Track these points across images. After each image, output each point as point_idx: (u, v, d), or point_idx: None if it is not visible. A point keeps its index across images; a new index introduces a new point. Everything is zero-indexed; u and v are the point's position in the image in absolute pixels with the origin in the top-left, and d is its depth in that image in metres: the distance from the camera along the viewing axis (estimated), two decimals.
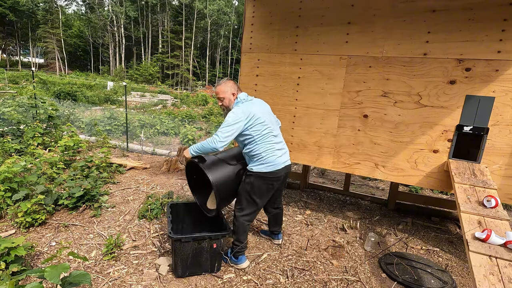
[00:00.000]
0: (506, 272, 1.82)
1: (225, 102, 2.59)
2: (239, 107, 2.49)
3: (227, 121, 2.41)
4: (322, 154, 3.46)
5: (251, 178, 2.55)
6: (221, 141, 2.38)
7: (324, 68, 3.31)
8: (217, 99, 2.66)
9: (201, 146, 2.47)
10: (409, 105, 2.98)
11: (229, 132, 2.39)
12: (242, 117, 2.42)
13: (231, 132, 2.40)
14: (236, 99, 2.58)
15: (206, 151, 2.50)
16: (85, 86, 19.84)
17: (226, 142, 2.41)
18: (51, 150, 5.08)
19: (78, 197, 3.54)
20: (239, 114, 2.42)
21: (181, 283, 2.47)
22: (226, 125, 2.40)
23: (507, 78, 2.60)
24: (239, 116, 2.41)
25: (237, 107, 2.51)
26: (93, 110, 10.61)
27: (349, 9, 3.11)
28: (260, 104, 2.64)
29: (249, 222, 2.66)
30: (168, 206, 2.94)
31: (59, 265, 1.81)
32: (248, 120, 2.44)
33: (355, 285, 2.58)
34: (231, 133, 2.40)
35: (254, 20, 3.64)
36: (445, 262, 3.03)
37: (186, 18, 40.26)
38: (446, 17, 2.74)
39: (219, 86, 2.61)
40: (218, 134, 2.38)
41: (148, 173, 5.06)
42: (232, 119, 2.40)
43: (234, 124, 2.40)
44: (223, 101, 2.60)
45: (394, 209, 4.24)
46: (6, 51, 42.24)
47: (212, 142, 2.39)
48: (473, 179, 2.57)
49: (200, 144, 2.48)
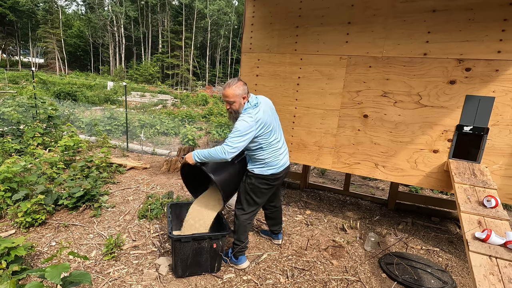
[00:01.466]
0: (506, 272, 1.82)
1: (235, 106, 2.38)
2: (250, 115, 2.31)
3: (238, 130, 2.25)
4: (322, 154, 3.46)
5: (251, 179, 2.55)
6: (231, 152, 2.25)
7: (324, 68, 3.31)
8: (225, 102, 2.42)
9: (208, 155, 2.33)
10: (409, 105, 2.98)
11: (240, 142, 2.25)
12: (253, 126, 2.28)
13: (243, 143, 2.27)
14: (245, 103, 2.39)
15: (213, 160, 2.36)
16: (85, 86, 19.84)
17: (236, 153, 2.29)
18: (51, 150, 5.08)
19: (78, 197, 3.55)
20: (251, 123, 2.27)
21: (181, 283, 2.47)
22: (237, 134, 2.25)
23: (507, 78, 2.60)
24: (251, 126, 2.27)
25: (247, 114, 2.31)
26: (93, 110, 10.61)
27: (349, 9, 3.11)
28: (266, 107, 2.47)
29: (250, 221, 2.67)
30: (168, 206, 2.94)
31: (60, 265, 1.82)
32: (258, 129, 2.33)
33: (355, 285, 2.58)
34: (242, 144, 2.27)
35: (254, 20, 3.64)
36: (445, 262, 3.03)
37: (186, 18, 40.25)
38: (446, 17, 2.73)
39: (229, 89, 2.33)
40: (229, 144, 2.24)
41: (148, 173, 5.06)
42: (244, 129, 2.25)
43: (245, 134, 2.26)
44: (233, 105, 2.38)
45: (394, 209, 4.24)
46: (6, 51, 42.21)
47: (222, 152, 2.25)
48: (473, 179, 2.57)
49: (207, 152, 2.34)
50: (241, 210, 2.64)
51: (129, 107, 13.31)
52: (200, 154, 2.38)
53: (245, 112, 2.35)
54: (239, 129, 2.26)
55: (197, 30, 42.92)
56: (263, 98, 2.55)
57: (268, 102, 2.56)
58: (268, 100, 2.59)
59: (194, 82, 38.66)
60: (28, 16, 39.30)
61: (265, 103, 2.51)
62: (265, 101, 2.53)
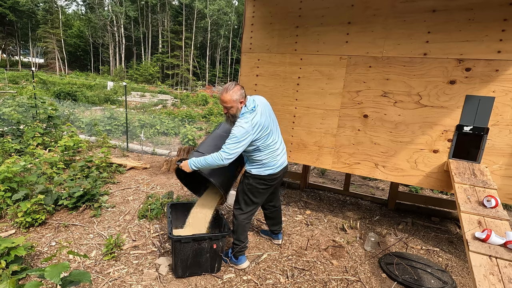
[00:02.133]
0: (506, 272, 1.82)
1: (232, 110, 2.38)
2: (247, 120, 2.31)
3: (235, 136, 2.26)
4: (322, 154, 3.46)
5: (249, 179, 2.56)
6: (228, 158, 2.27)
7: (324, 68, 3.31)
8: (223, 107, 2.41)
9: (205, 162, 2.33)
10: (409, 105, 2.98)
11: (237, 148, 2.27)
12: (250, 132, 2.29)
13: (240, 149, 2.28)
14: (243, 107, 2.39)
15: (211, 168, 2.38)
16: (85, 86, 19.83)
17: (233, 158, 2.30)
18: (51, 150, 5.08)
19: (78, 197, 3.55)
20: (248, 128, 2.28)
21: (181, 283, 2.47)
22: (234, 141, 2.26)
23: (507, 78, 2.60)
24: (247, 131, 2.28)
25: (244, 119, 2.32)
26: (93, 110, 10.61)
27: (349, 9, 3.11)
28: (263, 108, 2.46)
29: (248, 221, 2.67)
30: (168, 206, 2.94)
31: (59, 264, 1.82)
32: (255, 133, 2.33)
33: (355, 285, 2.58)
34: (239, 150, 2.28)
35: (254, 20, 3.64)
36: (445, 262, 3.03)
37: (186, 18, 40.24)
38: (446, 17, 2.73)
39: (226, 94, 2.32)
40: (226, 150, 2.26)
41: (148, 173, 5.06)
42: (241, 135, 2.26)
43: (242, 141, 2.27)
44: (230, 110, 2.38)
45: (394, 209, 4.24)
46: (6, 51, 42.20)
47: (219, 159, 2.27)
48: (473, 179, 2.57)
49: (203, 159, 2.34)
50: (239, 210, 2.65)
51: (129, 107, 13.31)
52: (197, 163, 2.37)
53: (242, 117, 2.35)
54: (236, 135, 2.27)
55: (197, 30, 42.90)
56: (260, 99, 2.53)
57: (265, 103, 2.54)
58: (265, 100, 2.58)
59: (194, 82, 38.65)
60: (28, 16, 39.28)
61: (263, 104, 2.50)
62: (262, 102, 2.52)
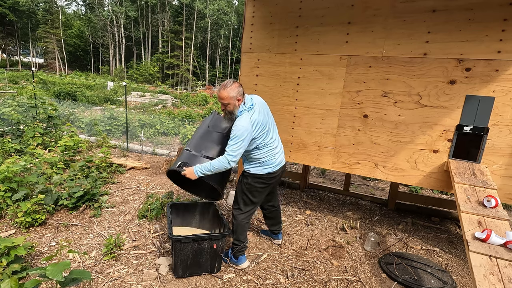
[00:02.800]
0: (506, 272, 1.82)
1: (230, 107, 2.40)
2: (245, 118, 2.34)
3: (235, 136, 2.29)
4: (322, 154, 3.46)
5: (248, 179, 2.57)
6: (233, 161, 2.31)
7: (324, 68, 3.31)
8: (220, 103, 2.44)
9: (213, 168, 2.34)
10: (409, 105, 2.98)
11: (240, 148, 2.30)
12: (249, 129, 2.32)
13: (242, 149, 2.31)
14: (241, 105, 2.40)
15: (218, 172, 2.39)
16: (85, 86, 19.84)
17: (238, 159, 2.33)
18: (51, 150, 5.07)
19: (78, 197, 3.54)
20: (247, 126, 2.31)
21: (181, 283, 2.47)
22: (235, 141, 2.29)
23: (507, 78, 2.60)
24: (247, 129, 2.30)
25: (242, 118, 2.35)
26: (93, 110, 10.61)
27: (349, 9, 3.11)
28: (261, 107, 2.50)
29: (248, 221, 2.68)
30: (168, 206, 2.94)
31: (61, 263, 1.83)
32: (254, 130, 2.36)
33: (355, 285, 2.58)
34: (242, 149, 2.32)
35: (254, 20, 3.64)
36: (445, 262, 3.03)
37: (186, 18, 40.24)
38: (446, 17, 2.73)
39: (224, 91, 2.34)
40: (230, 153, 2.29)
41: (148, 173, 5.06)
42: (241, 134, 2.29)
43: (243, 139, 2.29)
44: (227, 107, 2.40)
45: (394, 209, 4.24)
46: (6, 51, 42.20)
47: (226, 162, 2.31)
48: (473, 179, 2.57)
49: (210, 166, 2.34)
50: (238, 210, 2.65)
51: (129, 107, 13.31)
52: (204, 169, 2.37)
53: (240, 115, 2.38)
54: (237, 134, 2.29)
55: (197, 30, 42.91)
56: (257, 98, 2.57)
57: (262, 102, 2.58)
58: (262, 99, 2.61)
59: (194, 82, 38.66)
60: (28, 16, 39.29)
61: (260, 103, 2.53)
62: (259, 101, 2.55)
